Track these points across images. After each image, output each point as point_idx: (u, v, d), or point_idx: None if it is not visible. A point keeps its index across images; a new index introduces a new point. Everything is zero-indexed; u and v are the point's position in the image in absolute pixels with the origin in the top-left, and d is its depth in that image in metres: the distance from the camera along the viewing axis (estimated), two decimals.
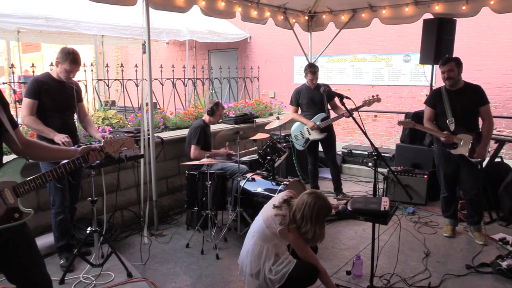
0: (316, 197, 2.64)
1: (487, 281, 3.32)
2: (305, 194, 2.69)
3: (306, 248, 2.73)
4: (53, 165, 3.27)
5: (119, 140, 2.36)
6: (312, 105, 5.15)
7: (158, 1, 4.23)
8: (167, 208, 4.94)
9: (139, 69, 4.81)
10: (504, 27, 6.90)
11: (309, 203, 2.61)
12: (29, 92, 3.31)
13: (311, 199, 2.62)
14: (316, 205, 2.60)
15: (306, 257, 2.73)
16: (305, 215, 2.61)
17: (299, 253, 2.75)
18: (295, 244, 2.73)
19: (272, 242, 2.75)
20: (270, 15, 5.70)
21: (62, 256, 3.52)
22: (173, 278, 3.43)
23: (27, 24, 6.83)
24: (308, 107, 5.18)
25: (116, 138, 2.35)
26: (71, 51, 3.34)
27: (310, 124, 5.07)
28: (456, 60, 3.91)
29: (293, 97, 5.29)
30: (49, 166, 3.30)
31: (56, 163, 3.09)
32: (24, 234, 2.02)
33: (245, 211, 4.14)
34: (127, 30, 8.00)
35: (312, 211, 2.60)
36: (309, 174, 5.47)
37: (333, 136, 5.29)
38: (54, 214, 3.45)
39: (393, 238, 4.01)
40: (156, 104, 6.26)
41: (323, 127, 5.07)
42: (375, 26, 6.03)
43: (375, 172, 3.28)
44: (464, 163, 3.97)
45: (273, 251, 2.76)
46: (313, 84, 5.10)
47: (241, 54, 10.82)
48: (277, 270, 2.71)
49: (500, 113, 6.89)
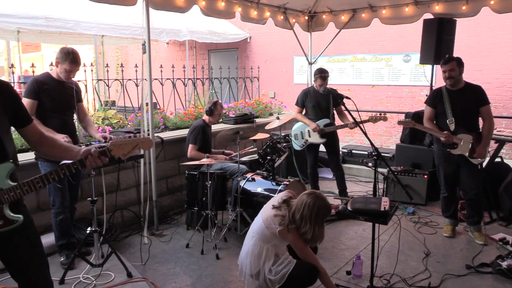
0: (315, 197, 2.64)
1: (487, 281, 3.32)
2: (305, 194, 2.69)
3: (306, 248, 2.72)
4: (52, 167, 3.28)
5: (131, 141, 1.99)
6: (318, 110, 5.05)
7: (158, 1, 4.23)
8: (167, 208, 4.94)
9: (139, 69, 4.81)
10: (504, 27, 6.90)
11: (309, 204, 2.61)
12: (28, 92, 3.30)
13: (311, 200, 2.62)
14: (316, 205, 2.60)
15: (306, 257, 2.73)
16: (304, 216, 2.61)
17: (298, 254, 2.75)
18: (294, 244, 2.73)
19: (272, 242, 2.75)
20: (270, 15, 5.70)
21: (62, 253, 3.53)
22: (173, 278, 3.43)
23: (27, 24, 6.83)
24: (313, 110, 5.08)
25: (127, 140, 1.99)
26: (71, 50, 3.33)
27: (312, 125, 4.98)
28: (458, 59, 3.91)
29: (300, 98, 5.19)
30: (48, 167, 3.32)
31: (56, 162, 3.10)
32: (26, 235, 1.99)
33: (245, 211, 4.14)
34: (127, 30, 8.00)
35: (311, 212, 2.59)
36: (309, 176, 5.39)
37: (336, 141, 5.21)
38: (55, 214, 3.45)
39: (393, 238, 4.01)
40: (156, 104, 6.26)
41: (326, 132, 4.98)
42: (375, 26, 6.03)
43: (375, 172, 3.28)
44: (464, 163, 3.97)
45: (272, 251, 2.76)
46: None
47: (241, 54, 10.82)
48: (277, 271, 2.71)
49: (500, 113, 6.89)
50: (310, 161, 5.30)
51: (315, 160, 5.31)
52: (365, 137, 3.25)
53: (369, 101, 8.54)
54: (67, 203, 3.47)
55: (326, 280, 2.78)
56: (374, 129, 8.44)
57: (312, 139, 5.12)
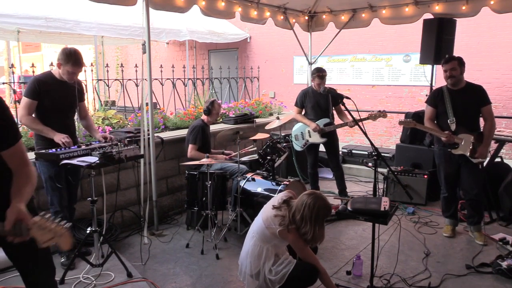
0: (315, 197, 2.64)
1: (487, 281, 3.32)
2: (305, 195, 2.69)
3: (306, 248, 2.72)
4: (51, 167, 3.27)
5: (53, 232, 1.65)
6: (318, 109, 5.05)
7: (158, 1, 4.23)
8: (167, 208, 4.94)
9: (139, 69, 4.81)
10: (504, 27, 6.90)
11: (309, 204, 2.61)
12: (28, 92, 3.27)
13: (311, 200, 2.62)
14: (316, 205, 2.60)
15: (306, 257, 2.73)
16: (304, 216, 2.61)
17: (299, 254, 2.75)
18: (294, 244, 2.73)
19: (272, 242, 2.75)
20: (270, 15, 5.70)
21: (62, 254, 3.52)
22: (173, 278, 3.43)
23: (27, 25, 6.84)
24: (312, 110, 5.08)
25: (51, 226, 1.66)
26: (73, 51, 3.26)
27: (312, 125, 4.99)
28: (459, 59, 3.90)
29: (298, 99, 5.18)
30: (47, 168, 3.31)
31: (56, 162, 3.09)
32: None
33: (245, 211, 4.14)
34: (127, 30, 8.00)
35: (311, 212, 2.59)
36: (309, 177, 5.39)
37: (336, 140, 5.22)
38: (53, 213, 3.43)
39: (393, 238, 4.01)
40: (156, 104, 6.26)
41: (325, 132, 4.99)
42: (375, 26, 6.02)
43: (375, 172, 3.28)
44: (465, 163, 3.97)
45: (272, 251, 2.76)
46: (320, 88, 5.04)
47: (241, 54, 10.82)
48: (277, 271, 2.71)
49: (500, 113, 6.88)
50: (310, 161, 5.30)
51: (315, 160, 5.31)
52: (365, 137, 3.25)
53: (369, 101, 8.54)
54: (65, 203, 3.46)
55: (326, 280, 2.78)
56: (374, 129, 8.44)
57: (313, 139, 5.12)
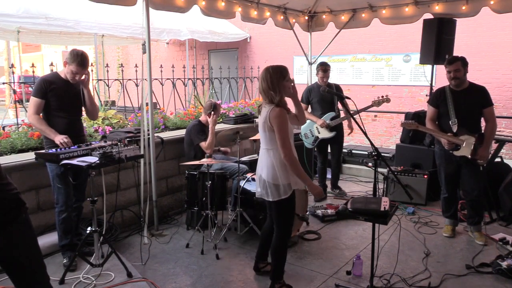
0: (265, 68, 2.95)
1: (487, 281, 3.32)
2: (261, 74, 2.99)
3: (286, 135, 2.86)
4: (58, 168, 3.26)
5: None
6: (323, 104, 5.19)
7: (158, 1, 4.23)
8: (167, 208, 4.94)
9: (139, 69, 4.81)
10: (504, 27, 6.90)
11: (265, 73, 2.92)
12: (36, 92, 3.35)
13: (264, 71, 2.94)
14: (270, 69, 2.91)
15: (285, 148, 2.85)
16: (270, 83, 2.89)
17: (280, 143, 2.85)
18: (279, 130, 2.85)
19: (274, 144, 2.91)
20: (270, 15, 5.70)
21: (65, 255, 3.51)
22: (173, 278, 3.43)
23: (27, 24, 6.85)
24: (318, 105, 5.22)
25: None
26: (80, 53, 3.35)
27: (320, 121, 5.11)
28: (462, 59, 3.85)
29: (304, 95, 5.32)
30: (54, 166, 3.31)
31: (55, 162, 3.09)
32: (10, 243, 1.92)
33: (245, 211, 4.13)
34: (127, 30, 8.01)
35: (272, 76, 2.89)
36: (318, 172, 5.54)
37: (341, 136, 5.35)
38: (57, 213, 3.45)
39: (393, 238, 4.01)
40: (156, 104, 6.26)
41: (333, 126, 5.11)
42: (375, 26, 6.03)
43: (375, 172, 3.28)
44: (466, 164, 3.95)
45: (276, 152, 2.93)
46: (324, 82, 5.11)
47: (241, 54, 10.83)
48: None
49: (500, 113, 6.89)
50: (320, 157, 5.46)
51: (325, 156, 5.45)
52: (365, 137, 3.25)
53: (369, 101, 8.41)
54: (71, 202, 3.47)
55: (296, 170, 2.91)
56: (374, 129, 8.44)
57: (322, 134, 5.22)
